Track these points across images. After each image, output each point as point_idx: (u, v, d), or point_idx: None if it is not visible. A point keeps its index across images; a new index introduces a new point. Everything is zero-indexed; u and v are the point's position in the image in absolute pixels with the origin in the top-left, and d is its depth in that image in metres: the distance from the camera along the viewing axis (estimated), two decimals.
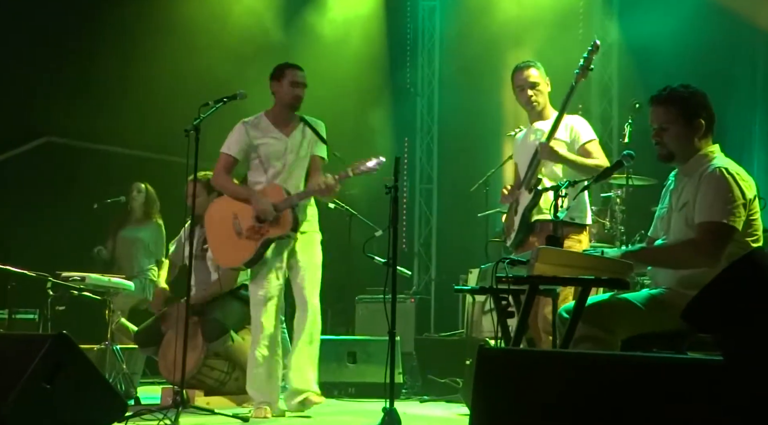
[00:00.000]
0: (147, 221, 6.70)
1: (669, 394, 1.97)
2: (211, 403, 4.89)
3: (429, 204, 9.59)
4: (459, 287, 3.95)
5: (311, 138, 4.87)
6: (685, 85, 3.22)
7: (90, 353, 4.90)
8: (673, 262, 3.09)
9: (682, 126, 3.16)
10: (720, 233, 2.97)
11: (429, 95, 9.66)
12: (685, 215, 3.10)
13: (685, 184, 3.17)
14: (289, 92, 4.80)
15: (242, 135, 4.82)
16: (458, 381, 5.70)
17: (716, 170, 3.05)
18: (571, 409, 2.15)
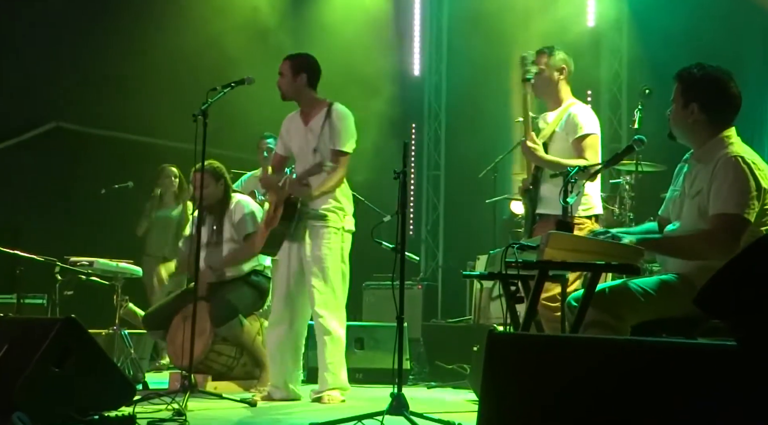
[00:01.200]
0: (177, 203, 6.90)
1: (681, 380, 1.96)
2: (218, 388, 4.91)
3: (436, 190, 9.57)
4: (467, 272, 3.94)
5: (323, 129, 4.75)
6: (703, 66, 3.11)
7: (98, 337, 4.90)
8: (688, 253, 3.02)
9: (680, 106, 3.11)
10: (734, 225, 2.91)
11: (436, 81, 9.63)
12: (698, 203, 3.03)
13: (699, 170, 3.09)
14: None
15: (281, 130, 4.94)
16: (465, 367, 5.70)
17: (732, 159, 2.96)
18: (581, 394, 2.14)
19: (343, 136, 4.72)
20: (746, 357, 1.73)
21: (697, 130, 3.10)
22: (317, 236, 4.68)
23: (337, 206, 4.74)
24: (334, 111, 4.76)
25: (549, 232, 2.99)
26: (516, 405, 2.23)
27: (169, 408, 3.85)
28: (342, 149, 4.72)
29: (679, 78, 3.14)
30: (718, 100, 3.09)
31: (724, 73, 3.10)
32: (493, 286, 6.08)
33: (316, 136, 4.74)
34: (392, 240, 4.26)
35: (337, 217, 4.72)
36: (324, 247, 4.67)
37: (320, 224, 4.69)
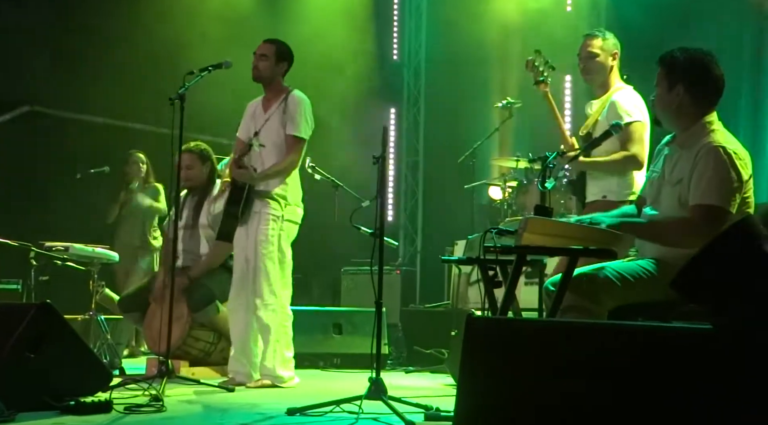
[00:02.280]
0: (146, 188, 6.84)
1: (657, 363, 1.97)
2: (196, 374, 4.90)
3: (415, 176, 9.57)
4: (446, 257, 3.93)
5: (276, 114, 4.74)
6: (686, 49, 3.09)
7: (74, 323, 4.87)
8: (665, 240, 3.03)
9: (664, 90, 3.09)
10: (715, 216, 2.90)
11: (416, 66, 9.60)
12: (678, 192, 3.02)
13: (680, 157, 3.08)
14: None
15: (245, 115, 4.93)
16: (443, 351, 5.72)
17: (714, 149, 2.95)
18: (558, 378, 2.15)
19: (298, 122, 4.70)
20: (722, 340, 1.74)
21: (682, 113, 3.08)
22: (258, 222, 4.68)
23: (280, 195, 4.70)
24: (291, 97, 4.74)
25: (527, 216, 2.99)
26: (494, 389, 2.24)
27: (146, 393, 3.83)
28: (297, 135, 4.70)
29: (662, 62, 3.11)
30: (702, 81, 3.07)
31: (707, 55, 3.08)
32: (472, 271, 6.10)
33: (264, 119, 4.73)
34: (371, 225, 4.25)
35: (278, 205, 4.69)
36: (261, 233, 4.66)
37: (263, 211, 4.68)
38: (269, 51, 4.77)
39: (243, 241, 4.74)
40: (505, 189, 6.67)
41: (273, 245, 4.65)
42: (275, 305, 4.67)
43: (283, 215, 4.70)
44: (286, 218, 4.72)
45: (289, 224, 4.74)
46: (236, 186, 4.71)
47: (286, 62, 4.81)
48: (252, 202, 4.69)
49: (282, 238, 4.70)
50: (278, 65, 4.76)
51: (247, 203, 4.67)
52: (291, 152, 4.70)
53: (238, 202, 4.67)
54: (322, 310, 6.44)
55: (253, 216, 4.68)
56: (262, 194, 4.70)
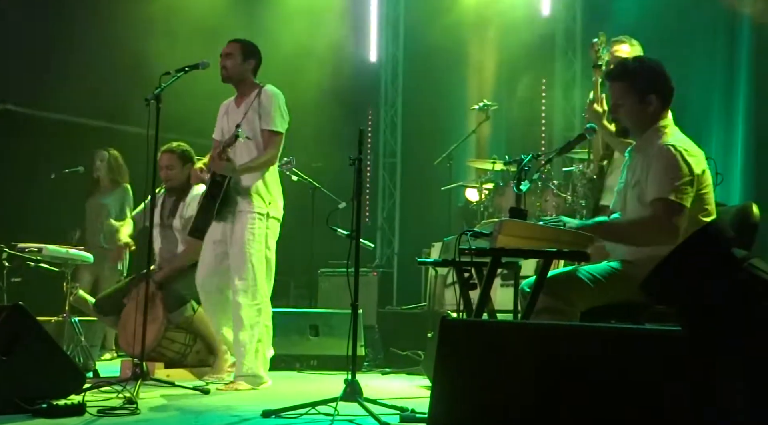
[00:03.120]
0: (113, 187, 6.68)
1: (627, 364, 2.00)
2: (171, 375, 4.87)
3: (392, 178, 9.59)
4: (422, 259, 3.96)
5: (251, 110, 4.68)
6: (640, 59, 3.26)
7: (48, 325, 4.82)
8: (627, 239, 3.14)
9: (635, 102, 3.19)
10: (670, 210, 3.02)
11: (393, 68, 9.62)
12: (638, 193, 3.14)
13: (638, 160, 3.21)
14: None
15: (218, 116, 4.89)
16: (420, 353, 5.73)
17: (664, 147, 3.09)
18: (532, 379, 2.17)
19: (273, 116, 4.65)
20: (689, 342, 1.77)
21: (653, 120, 3.21)
22: (241, 220, 4.60)
23: (263, 192, 4.65)
24: (264, 93, 4.70)
25: (502, 219, 3.02)
26: (467, 391, 2.26)
27: (120, 396, 3.81)
28: (273, 129, 4.65)
29: (622, 75, 3.22)
30: (668, 88, 3.23)
31: (659, 63, 3.24)
32: (448, 273, 6.13)
33: (241, 114, 4.68)
34: (348, 227, 4.26)
35: (262, 201, 4.63)
36: (247, 232, 4.59)
37: (247, 209, 4.61)
38: (234, 49, 4.73)
39: (218, 237, 4.65)
40: (482, 191, 6.71)
41: (260, 243, 4.60)
42: (261, 304, 4.63)
43: (269, 212, 4.65)
44: (272, 215, 4.67)
45: (274, 222, 4.69)
46: (215, 181, 4.63)
47: (254, 60, 4.75)
48: (232, 199, 4.62)
49: (269, 236, 4.65)
50: (245, 63, 4.72)
51: (226, 200, 4.60)
52: (270, 147, 4.64)
53: (216, 197, 4.59)
54: (298, 311, 6.43)
55: (237, 215, 4.62)
56: (246, 191, 4.63)
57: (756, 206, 3.25)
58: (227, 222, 4.65)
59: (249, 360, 4.59)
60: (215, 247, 4.70)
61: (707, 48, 6.72)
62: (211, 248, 4.70)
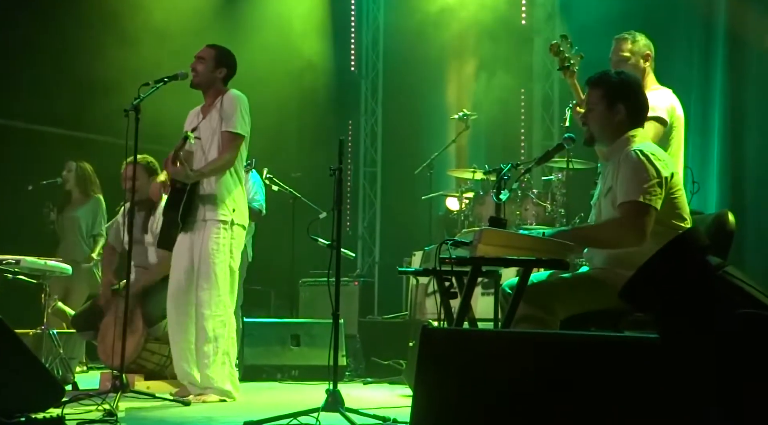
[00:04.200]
0: (85, 200, 6.63)
1: (607, 372, 2.02)
2: (151, 387, 4.83)
3: (373, 187, 9.60)
4: (403, 268, 3.96)
5: (216, 114, 4.59)
6: (619, 72, 3.36)
7: (26, 338, 4.78)
8: (599, 241, 3.20)
9: (604, 109, 3.27)
10: (638, 211, 3.07)
11: (373, 78, 9.65)
12: (611, 199, 3.20)
13: (609, 169, 3.28)
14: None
15: (185, 124, 4.81)
16: (401, 363, 5.74)
17: (632, 152, 3.15)
18: (512, 388, 2.18)
19: (233, 118, 4.53)
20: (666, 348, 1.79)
21: (618, 129, 3.28)
22: (205, 230, 4.50)
23: (227, 198, 4.53)
24: (226, 95, 4.61)
25: (481, 228, 3.03)
26: (448, 400, 2.26)
27: (100, 408, 3.78)
28: (232, 131, 4.53)
29: (599, 82, 3.32)
30: (640, 103, 3.31)
31: (639, 80, 3.35)
32: (429, 282, 6.14)
33: (208, 121, 4.59)
34: (329, 236, 4.25)
35: (226, 209, 4.52)
36: (212, 242, 4.49)
37: (210, 217, 4.51)
38: (207, 55, 4.64)
39: (184, 248, 4.56)
40: (462, 200, 6.73)
41: (224, 253, 4.50)
42: (224, 316, 4.52)
43: (233, 219, 4.55)
44: (236, 222, 4.56)
45: (238, 229, 4.59)
46: (175, 189, 4.53)
47: (225, 68, 4.65)
48: (195, 207, 4.51)
49: (233, 245, 4.55)
50: (216, 70, 4.63)
51: (188, 208, 4.49)
52: (227, 150, 4.51)
53: (178, 206, 4.49)
54: (280, 322, 6.42)
55: (200, 224, 4.52)
56: (208, 199, 4.53)
57: (731, 214, 3.30)
58: (192, 232, 4.54)
59: (214, 371, 4.49)
60: (182, 259, 4.60)
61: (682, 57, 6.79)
62: (182, 269, 4.59)
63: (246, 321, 6.04)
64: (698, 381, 1.72)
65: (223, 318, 4.53)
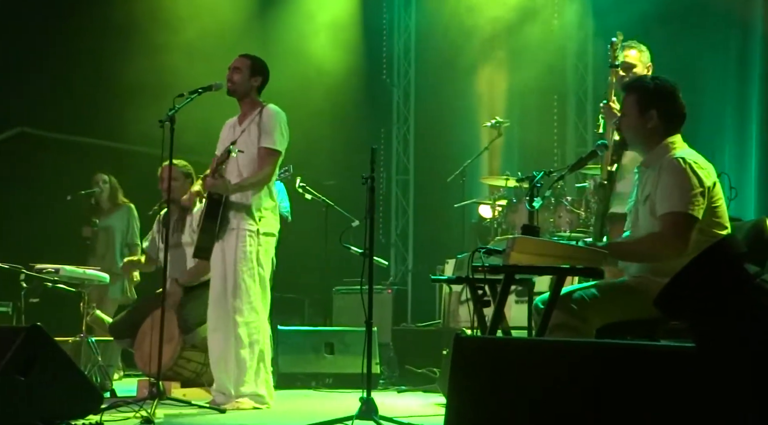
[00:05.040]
0: (114, 209, 6.73)
1: (643, 381, 2.00)
2: (187, 395, 4.88)
3: (405, 195, 9.61)
4: (435, 277, 3.96)
5: (251, 128, 4.68)
6: (655, 77, 3.30)
7: (65, 345, 4.86)
8: (640, 255, 3.14)
9: (636, 116, 3.24)
10: (682, 222, 3.02)
11: (405, 86, 9.67)
12: (650, 207, 3.15)
13: (648, 176, 3.23)
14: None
15: (221, 134, 4.87)
16: (435, 371, 5.72)
17: (674, 161, 3.11)
18: (546, 397, 2.17)
19: (272, 134, 4.62)
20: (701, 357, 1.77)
21: (652, 136, 3.24)
22: (235, 239, 4.58)
23: (254, 208, 4.60)
24: (265, 110, 4.69)
25: (515, 236, 3.03)
26: (482, 408, 2.26)
27: (137, 415, 3.83)
28: (270, 147, 4.61)
29: (633, 88, 3.29)
30: (672, 109, 3.25)
31: (676, 86, 3.26)
32: (462, 290, 6.12)
33: (247, 135, 4.67)
34: (362, 245, 4.27)
35: (253, 220, 4.60)
36: (239, 251, 4.56)
37: (239, 227, 4.58)
38: (243, 64, 4.72)
39: (219, 259, 4.64)
40: (495, 208, 6.71)
41: (252, 261, 4.57)
42: (257, 323, 4.59)
43: (259, 229, 4.61)
44: (263, 231, 4.63)
45: (266, 239, 4.65)
46: (212, 200, 4.60)
47: (261, 77, 4.74)
48: (227, 216, 4.60)
49: (260, 253, 4.61)
50: (252, 79, 4.71)
51: (224, 218, 4.58)
52: (265, 165, 4.61)
53: (216, 217, 4.56)
54: (313, 330, 6.44)
55: (230, 232, 4.60)
56: (236, 208, 4.60)
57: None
58: (223, 240, 4.63)
59: (250, 377, 4.54)
60: (216, 268, 4.68)
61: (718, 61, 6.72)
62: (219, 277, 4.66)
63: (280, 329, 6.07)
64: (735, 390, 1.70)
65: (256, 325, 4.59)
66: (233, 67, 4.74)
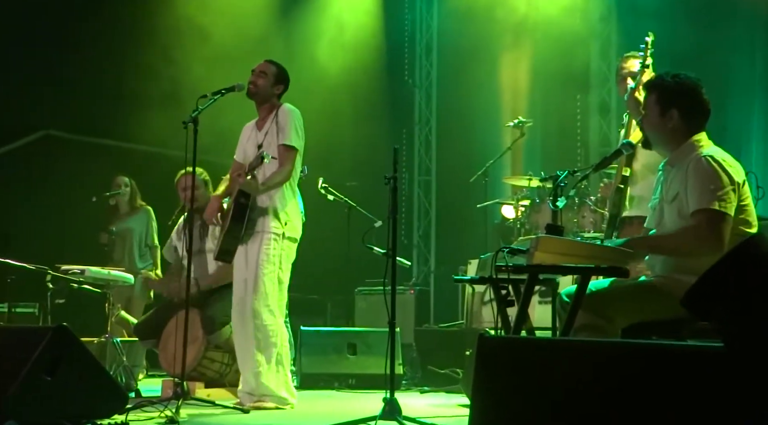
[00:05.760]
0: (133, 212, 6.78)
1: (669, 381, 1.98)
2: (211, 395, 4.90)
3: (428, 196, 9.60)
4: (458, 277, 3.94)
5: (269, 128, 4.69)
6: (676, 75, 3.21)
7: (90, 346, 4.89)
8: (673, 250, 3.09)
9: (656, 114, 3.19)
10: (714, 219, 2.99)
11: (427, 87, 9.66)
12: (677, 207, 3.11)
13: (674, 175, 3.19)
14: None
15: (241, 137, 4.89)
16: (458, 371, 5.71)
17: (702, 159, 3.07)
18: (571, 397, 2.15)
19: (288, 131, 4.62)
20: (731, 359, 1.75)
21: (674, 136, 3.20)
22: (260, 242, 4.59)
23: (280, 211, 4.62)
24: (281, 110, 4.70)
25: (538, 236, 3.01)
26: (506, 408, 2.25)
27: (162, 415, 3.85)
28: (288, 144, 4.62)
29: (654, 87, 3.24)
30: (694, 107, 3.20)
31: (697, 82, 3.21)
32: (485, 290, 6.10)
33: (262, 135, 4.69)
34: (384, 245, 4.26)
35: (279, 223, 4.61)
36: (262, 253, 4.56)
37: (264, 229, 4.59)
38: (269, 70, 4.74)
39: (242, 260, 4.65)
40: (518, 208, 6.68)
41: (274, 265, 4.58)
42: (274, 326, 4.59)
43: (284, 232, 4.62)
44: (287, 235, 4.64)
45: (289, 243, 4.66)
46: (239, 203, 4.61)
47: (283, 85, 4.76)
48: (253, 219, 4.60)
49: (283, 257, 4.62)
50: (275, 86, 4.73)
51: (250, 220, 4.59)
52: (285, 163, 4.61)
53: (242, 220, 4.57)
54: (336, 330, 6.45)
55: (255, 235, 4.61)
56: (262, 210, 4.61)
57: None
58: (246, 243, 4.64)
59: (268, 379, 4.56)
60: (239, 270, 4.69)
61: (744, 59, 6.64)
62: (242, 280, 4.67)
63: (303, 330, 6.09)
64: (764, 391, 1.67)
65: (273, 327, 4.60)
66: (259, 70, 4.75)
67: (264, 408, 4.51)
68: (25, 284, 5.73)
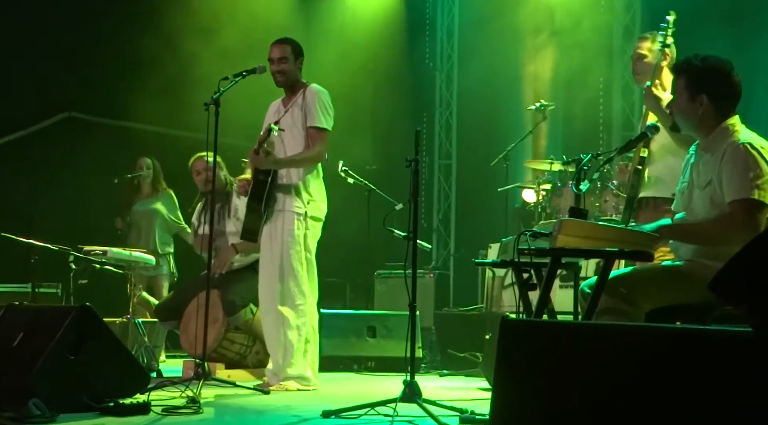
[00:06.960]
0: (155, 194, 6.80)
1: (694, 366, 1.95)
2: (232, 376, 4.94)
3: (448, 179, 9.57)
4: (480, 260, 3.93)
5: (296, 109, 4.68)
6: (705, 57, 3.11)
7: (112, 326, 4.94)
8: (708, 239, 3.02)
9: (686, 99, 3.10)
10: (753, 209, 2.92)
11: (448, 70, 9.61)
12: (710, 194, 3.04)
13: (706, 160, 3.11)
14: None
15: (266, 117, 4.87)
16: (478, 355, 5.70)
17: (740, 146, 2.99)
18: (594, 381, 2.14)
19: (317, 113, 4.61)
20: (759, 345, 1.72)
21: (704, 121, 3.11)
22: (281, 221, 4.59)
23: (302, 191, 4.61)
24: (308, 90, 4.68)
25: (561, 218, 2.98)
26: (528, 392, 2.24)
27: (183, 395, 3.88)
28: (318, 126, 4.61)
29: (681, 70, 3.15)
30: (724, 90, 3.10)
31: (726, 63, 3.10)
32: (506, 274, 6.08)
33: (290, 116, 4.67)
34: (404, 229, 4.26)
35: (301, 201, 4.60)
36: (287, 233, 4.57)
37: (286, 209, 4.59)
38: (286, 52, 4.71)
39: (267, 241, 4.66)
40: (539, 192, 6.64)
41: (300, 244, 4.58)
42: (304, 306, 4.61)
43: (307, 211, 4.62)
44: (311, 214, 4.63)
45: (314, 223, 4.65)
46: (258, 180, 4.61)
47: (302, 57, 4.77)
48: (274, 197, 4.60)
49: (308, 237, 4.62)
50: (297, 62, 4.73)
51: (270, 198, 4.58)
52: (316, 143, 4.60)
53: (261, 197, 4.57)
54: (355, 313, 6.46)
55: (277, 215, 4.61)
56: (284, 189, 4.61)
57: None
58: (271, 222, 4.64)
59: (297, 360, 4.58)
60: (266, 251, 4.70)
61: None
62: (269, 260, 4.68)
63: (322, 312, 6.09)
64: None
65: (303, 308, 4.61)
66: (278, 58, 4.70)
67: (288, 389, 4.53)
68: (48, 264, 5.78)
